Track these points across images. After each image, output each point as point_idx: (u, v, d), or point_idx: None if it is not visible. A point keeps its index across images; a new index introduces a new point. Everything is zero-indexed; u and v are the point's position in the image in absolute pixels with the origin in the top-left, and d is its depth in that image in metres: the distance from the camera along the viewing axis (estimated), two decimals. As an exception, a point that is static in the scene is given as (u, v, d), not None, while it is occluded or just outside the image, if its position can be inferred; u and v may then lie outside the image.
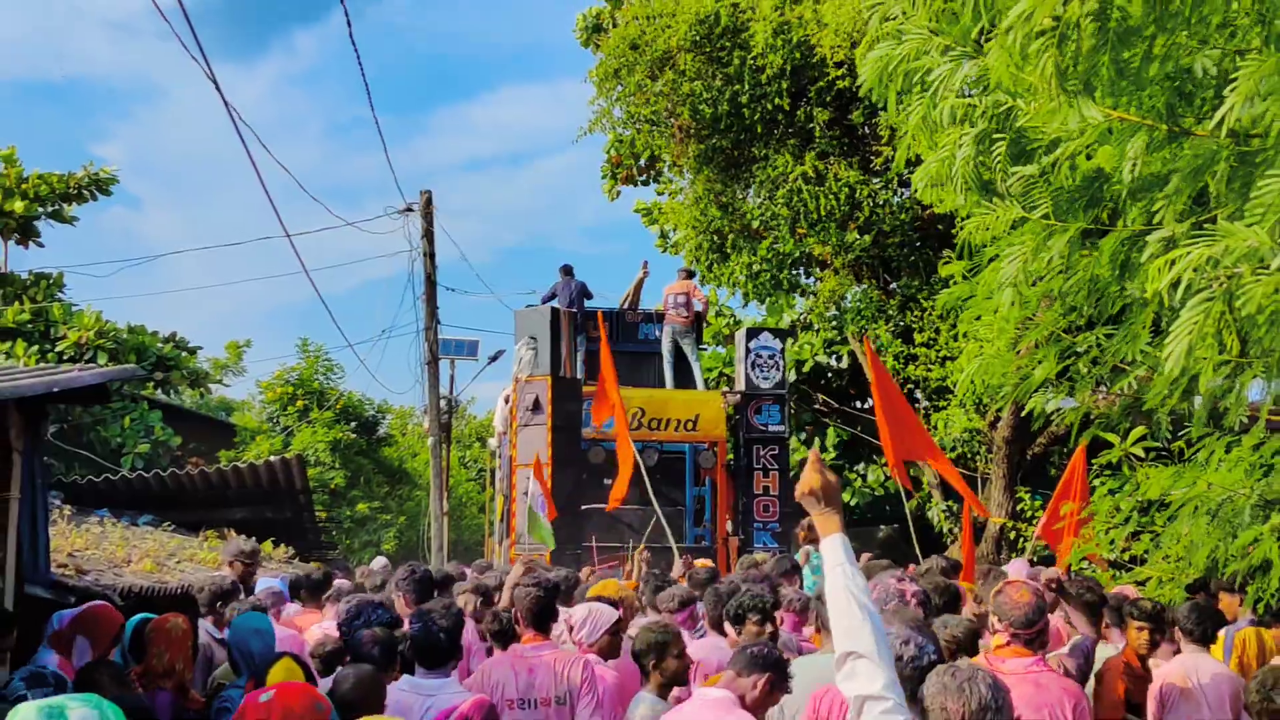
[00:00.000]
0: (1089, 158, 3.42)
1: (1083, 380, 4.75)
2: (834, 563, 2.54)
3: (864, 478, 17.68)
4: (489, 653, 5.27)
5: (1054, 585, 5.24)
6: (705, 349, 17.73)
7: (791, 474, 15.11)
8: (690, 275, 15.14)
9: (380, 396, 34.26)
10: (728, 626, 4.89)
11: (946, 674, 2.40)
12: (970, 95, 3.47)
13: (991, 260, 4.85)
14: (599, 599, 5.37)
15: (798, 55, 13.70)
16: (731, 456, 14.84)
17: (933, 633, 2.88)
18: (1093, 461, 6.35)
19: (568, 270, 15.27)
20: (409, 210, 16.69)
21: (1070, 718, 3.62)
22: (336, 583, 6.69)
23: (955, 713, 2.32)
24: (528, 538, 12.73)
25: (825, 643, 4.39)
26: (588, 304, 15.10)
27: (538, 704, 4.45)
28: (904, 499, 9.89)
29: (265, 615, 4.67)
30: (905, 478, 9.30)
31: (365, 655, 4.21)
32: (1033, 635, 3.73)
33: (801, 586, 6.78)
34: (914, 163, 4.07)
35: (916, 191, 4.01)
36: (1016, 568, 6.79)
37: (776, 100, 14.01)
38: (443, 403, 18.63)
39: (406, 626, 4.26)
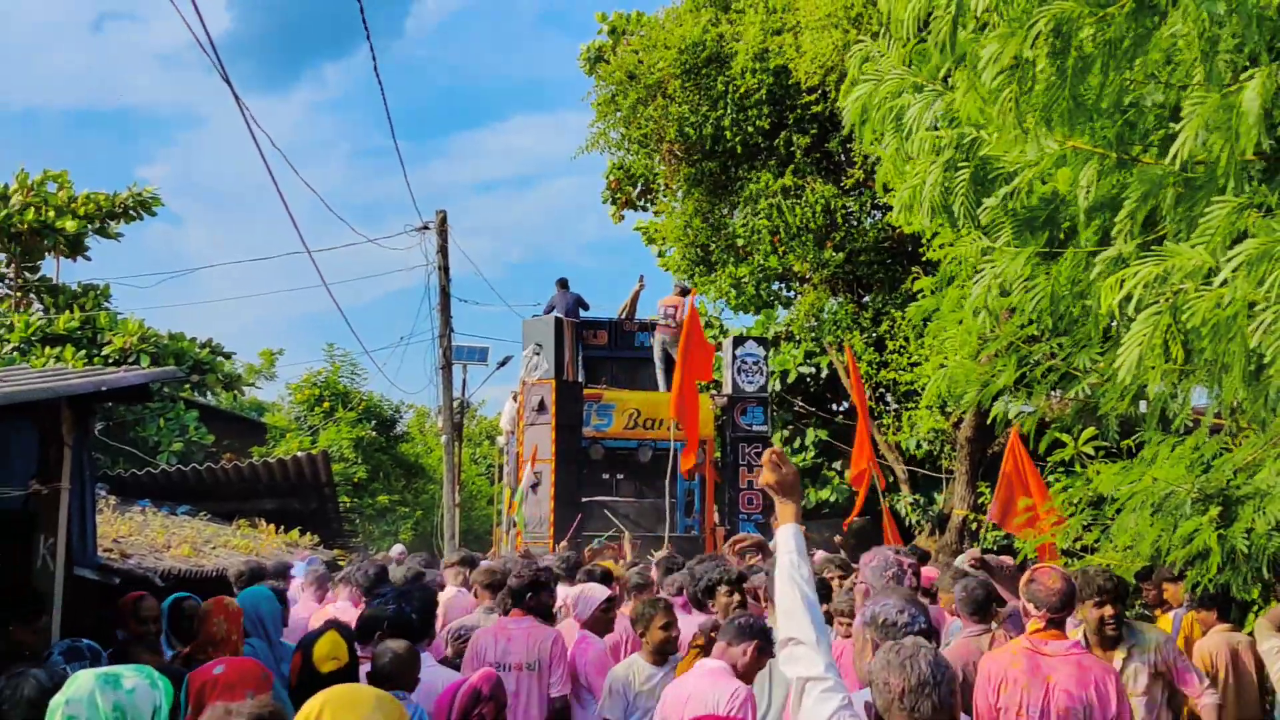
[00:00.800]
0: (1044, 183, 3.44)
1: (1039, 386, 4.82)
2: (784, 550, 2.54)
3: (840, 474, 17.49)
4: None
5: (976, 563, 5.21)
6: None
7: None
8: (685, 292, 15.03)
9: (399, 398, 34.44)
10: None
11: (891, 650, 2.32)
12: (938, 129, 3.51)
13: (952, 280, 4.98)
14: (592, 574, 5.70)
15: (771, 79, 13.73)
16: (719, 454, 14.84)
17: (923, 604, 2.87)
18: (1047, 459, 6.43)
19: (563, 283, 15.13)
20: (426, 228, 16.65)
21: (1113, 694, 3.58)
22: (346, 569, 6.70)
23: (896, 687, 2.25)
24: (531, 529, 12.73)
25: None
26: (582, 313, 15.11)
27: (511, 668, 4.68)
28: (880, 495, 9.94)
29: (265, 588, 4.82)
30: (866, 483, 9.47)
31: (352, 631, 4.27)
32: (1064, 617, 3.73)
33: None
34: (891, 191, 4.18)
35: (891, 215, 4.11)
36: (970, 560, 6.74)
37: (758, 123, 14.02)
38: (455, 404, 18.58)
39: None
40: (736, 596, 4.81)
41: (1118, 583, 3.85)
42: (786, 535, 2.57)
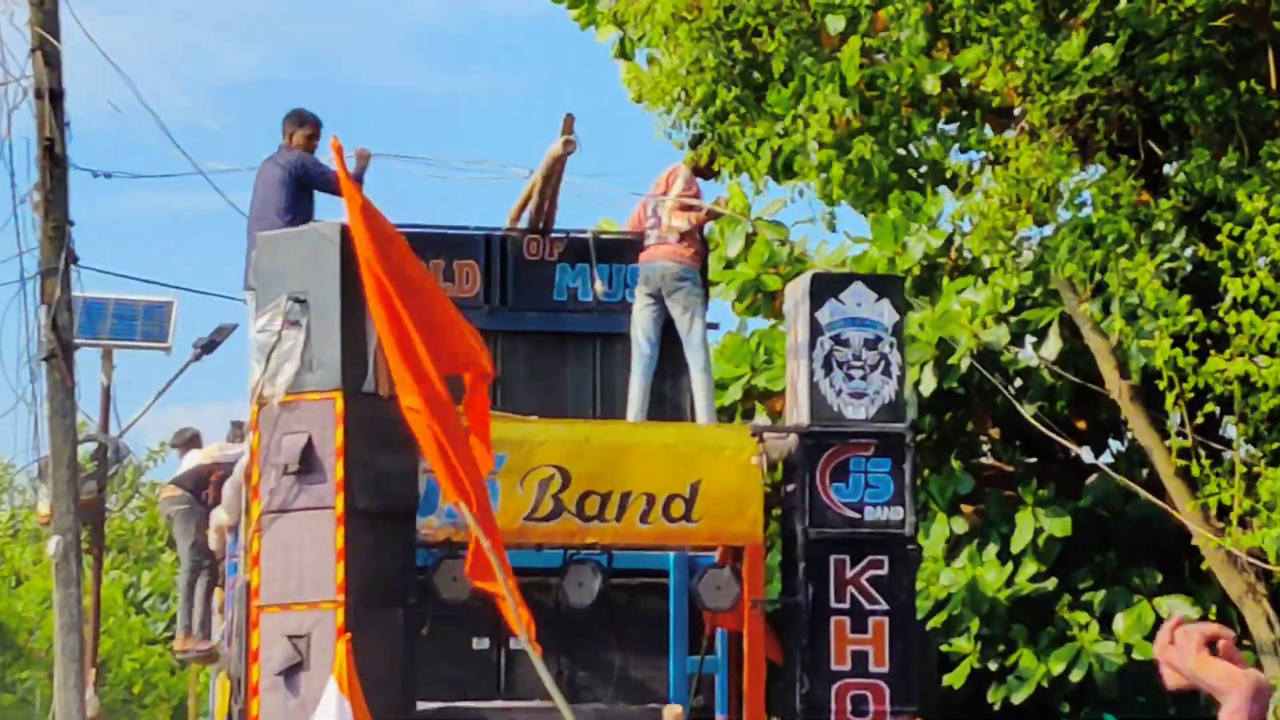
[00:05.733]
0: None
1: None
2: None
3: (1105, 625, 17.90)
4: None
5: None
6: (716, 330, 17.89)
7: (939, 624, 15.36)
8: (701, 164, 15.67)
9: None
10: None
11: None
12: None
13: None
14: None
15: None
16: (778, 584, 15.37)
17: None
18: None
19: (302, 123, 15.17)
20: None
21: None
22: None
23: None
24: None
25: None
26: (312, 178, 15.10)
27: None
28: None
29: None
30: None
31: None
32: None
33: None
34: None
35: None
36: None
37: None
38: (85, 451, 18.23)
39: None
40: None
41: None
42: None
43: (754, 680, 14.04)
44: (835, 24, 15.84)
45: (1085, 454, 19.60)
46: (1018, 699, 17.62)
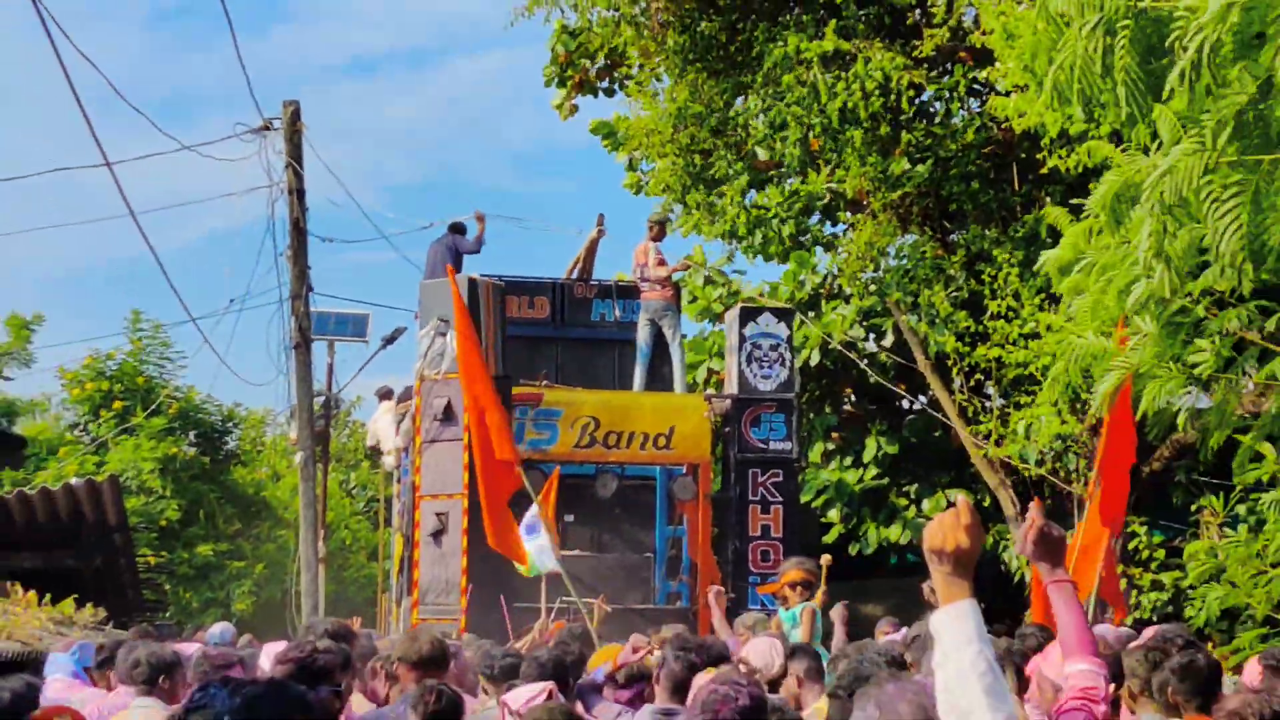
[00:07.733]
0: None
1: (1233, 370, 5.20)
2: (963, 637, 2.70)
3: (918, 505, 18.10)
4: None
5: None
6: (685, 335, 18.29)
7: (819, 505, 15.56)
8: (660, 233, 15.67)
9: (230, 398, 32.11)
10: None
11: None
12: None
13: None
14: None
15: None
16: (718, 485, 15.64)
17: None
18: (1234, 483, 6.29)
19: (457, 230, 15.85)
20: (268, 128, 16.64)
21: None
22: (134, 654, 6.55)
23: None
24: (434, 596, 13.39)
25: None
26: (467, 260, 15.90)
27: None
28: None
29: None
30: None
31: None
32: None
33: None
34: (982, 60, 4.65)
35: (997, 101, 4.90)
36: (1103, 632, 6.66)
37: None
38: (318, 402, 18.63)
39: None
40: None
41: None
42: (964, 616, 2.77)
43: (705, 541, 14.79)
44: (761, 152, 16.03)
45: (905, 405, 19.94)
46: (867, 552, 18.24)
